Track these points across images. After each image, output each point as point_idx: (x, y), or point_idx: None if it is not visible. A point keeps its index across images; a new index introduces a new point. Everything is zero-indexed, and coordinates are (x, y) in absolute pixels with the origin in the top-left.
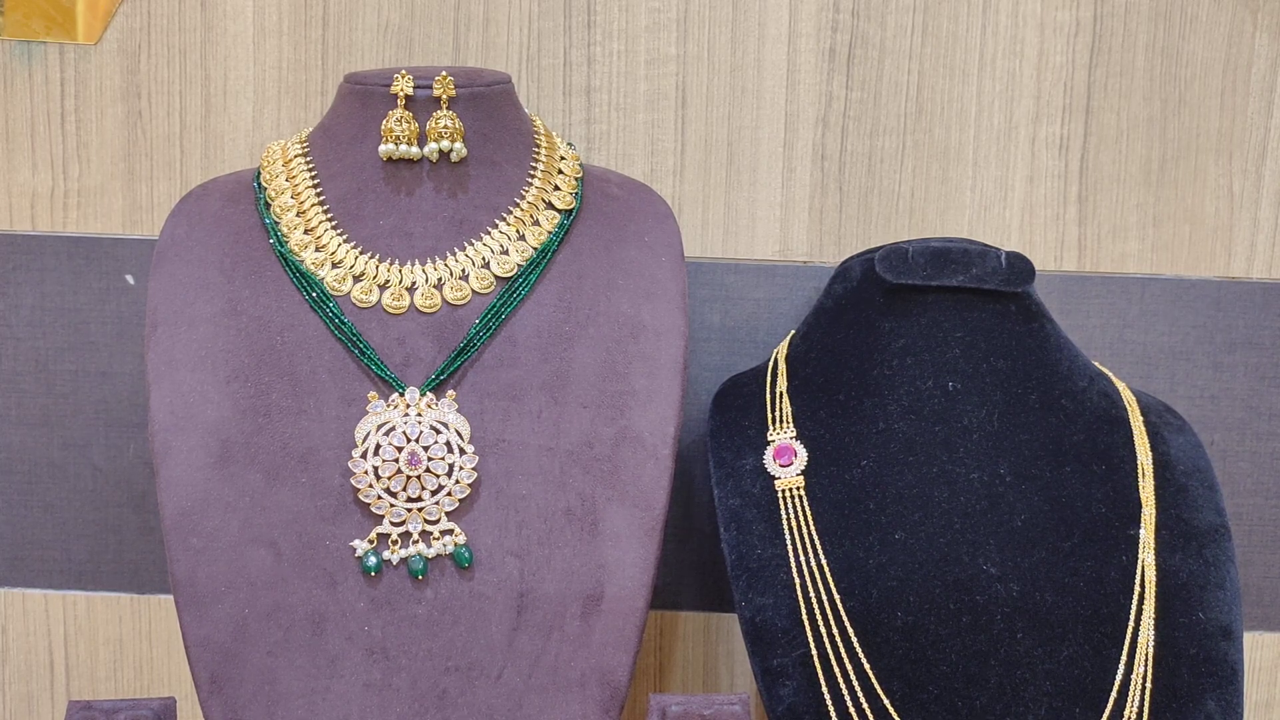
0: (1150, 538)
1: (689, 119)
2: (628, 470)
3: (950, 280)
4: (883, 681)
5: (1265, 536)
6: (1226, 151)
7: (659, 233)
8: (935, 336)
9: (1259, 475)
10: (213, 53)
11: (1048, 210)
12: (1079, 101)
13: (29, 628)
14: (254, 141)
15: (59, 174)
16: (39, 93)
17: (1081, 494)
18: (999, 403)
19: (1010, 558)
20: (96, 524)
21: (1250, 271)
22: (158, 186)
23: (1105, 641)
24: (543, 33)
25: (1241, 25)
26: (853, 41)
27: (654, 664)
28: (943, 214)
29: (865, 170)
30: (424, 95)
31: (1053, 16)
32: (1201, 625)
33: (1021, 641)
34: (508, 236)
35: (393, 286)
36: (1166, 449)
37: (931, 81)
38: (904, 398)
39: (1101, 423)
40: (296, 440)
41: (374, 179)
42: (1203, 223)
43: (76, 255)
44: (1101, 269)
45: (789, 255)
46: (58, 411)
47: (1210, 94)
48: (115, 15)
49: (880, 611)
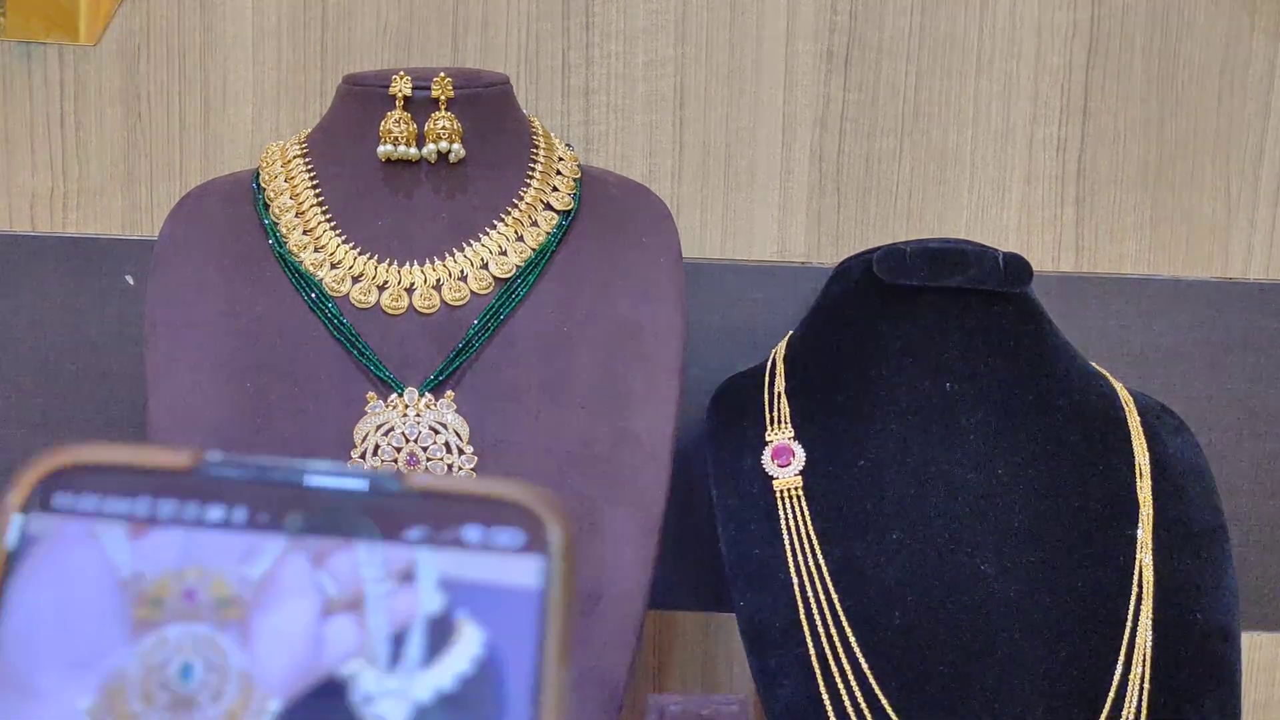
0: (1148, 538)
1: (687, 120)
2: (626, 471)
3: (948, 281)
4: (881, 681)
5: (1263, 537)
6: (1224, 153)
7: (657, 234)
8: (933, 337)
9: (1256, 475)
10: (212, 54)
11: (1045, 211)
12: (1076, 103)
13: None
14: (253, 142)
15: (58, 175)
16: (38, 94)
17: (1079, 494)
18: (997, 403)
19: (1008, 558)
20: None
21: (1247, 272)
22: (157, 187)
23: (1103, 642)
24: (541, 34)
25: (1239, 27)
26: (850, 43)
27: (652, 664)
28: (940, 215)
29: (863, 171)
30: (422, 96)
31: (1050, 18)
32: (1199, 626)
33: (1019, 642)
34: (506, 237)
35: (391, 287)
36: (1164, 449)
37: (929, 83)
38: (902, 398)
39: (1099, 423)
40: (295, 441)
41: (373, 180)
42: (1200, 223)
43: (76, 256)
44: (1099, 270)
45: (787, 256)
46: (57, 412)
47: (1207, 95)
48: (115, 17)
49: (878, 611)
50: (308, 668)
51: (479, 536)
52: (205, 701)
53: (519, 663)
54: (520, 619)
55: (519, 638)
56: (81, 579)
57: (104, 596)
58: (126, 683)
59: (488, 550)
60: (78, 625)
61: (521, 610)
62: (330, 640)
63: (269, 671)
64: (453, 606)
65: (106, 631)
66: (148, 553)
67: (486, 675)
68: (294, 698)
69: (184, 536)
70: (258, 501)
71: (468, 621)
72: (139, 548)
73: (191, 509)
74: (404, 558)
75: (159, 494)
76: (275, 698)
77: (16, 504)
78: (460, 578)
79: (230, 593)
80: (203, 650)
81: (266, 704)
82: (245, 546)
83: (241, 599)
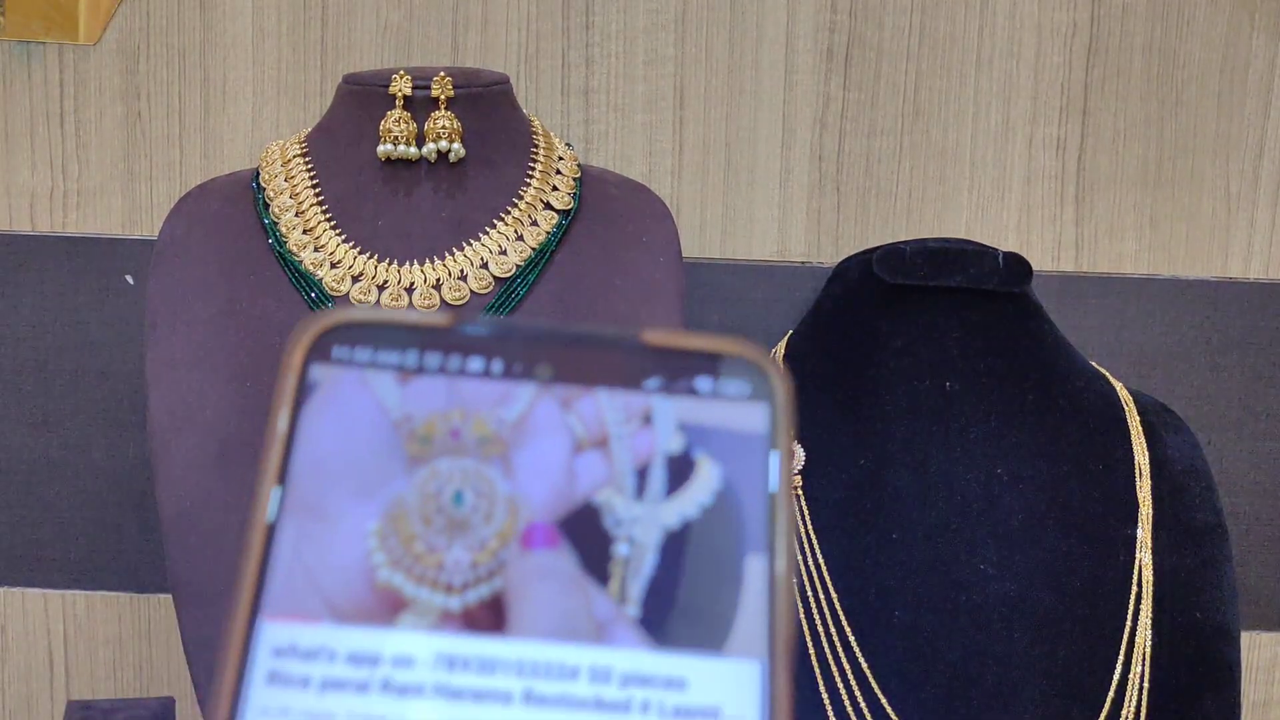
0: (1147, 537)
1: (687, 120)
2: None
3: (948, 281)
4: (880, 680)
5: (1262, 536)
6: (1223, 152)
7: (657, 233)
8: (933, 336)
9: (1255, 475)
10: (212, 53)
11: (1045, 210)
12: (1076, 102)
13: (28, 627)
14: (253, 142)
15: (58, 174)
16: (38, 93)
17: (1079, 494)
18: (997, 402)
19: (1007, 557)
20: (96, 523)
21: (1247, 271)
22: (157, 187)
23: (1102, 641)
24: (541, 34)
25: (1238, 26)
26: (850, 42)
27: None
28: (940, 214)
29: (863, 171)
30: (422, 95)
31: (1050, 18)
32: (1199, 625)
33: (1019, 641)
34: (506, 237)
35: (391, 287)
36: (1163, 448)
37: (929, 82)
38: (902, 398)
39: (1099, 422)
40: None
41: (372, 179)
42: (1200, 223)
43: (76, 255)
44: (1099, 269)
45: (787, 256)
46: (57, 411)
47: (1207, 95)
48: (114, 16)
49: (878, 610)
50: (564, 495)
51: (709, 386)
52: (477, 523)
53: (752, 498)
54: (751, 460)
55: (751, 476)
56: (359, 420)
57: (379, 435)
58: (407, 508)
59: (717, 399)
60: (359, 460)
61: (751, 452)
62: (582, 473)
63: (531, 498)
64: (690, 446)
65: (384, 465)
66: (415, 398)
67: (725, 507)
68: (555, 520)
69: (446, 384)
70: (511, 354)
71: (705, 459)
72: (407, 393)
73: (453, 360)
74: (642, 404)
75: (423, 348)
76: (540, 519)
77: (300, 355)
78: (694, 422)
79: (490, 431)
80: (471, 480)
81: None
82: (501, 392)
83: (500, 437)
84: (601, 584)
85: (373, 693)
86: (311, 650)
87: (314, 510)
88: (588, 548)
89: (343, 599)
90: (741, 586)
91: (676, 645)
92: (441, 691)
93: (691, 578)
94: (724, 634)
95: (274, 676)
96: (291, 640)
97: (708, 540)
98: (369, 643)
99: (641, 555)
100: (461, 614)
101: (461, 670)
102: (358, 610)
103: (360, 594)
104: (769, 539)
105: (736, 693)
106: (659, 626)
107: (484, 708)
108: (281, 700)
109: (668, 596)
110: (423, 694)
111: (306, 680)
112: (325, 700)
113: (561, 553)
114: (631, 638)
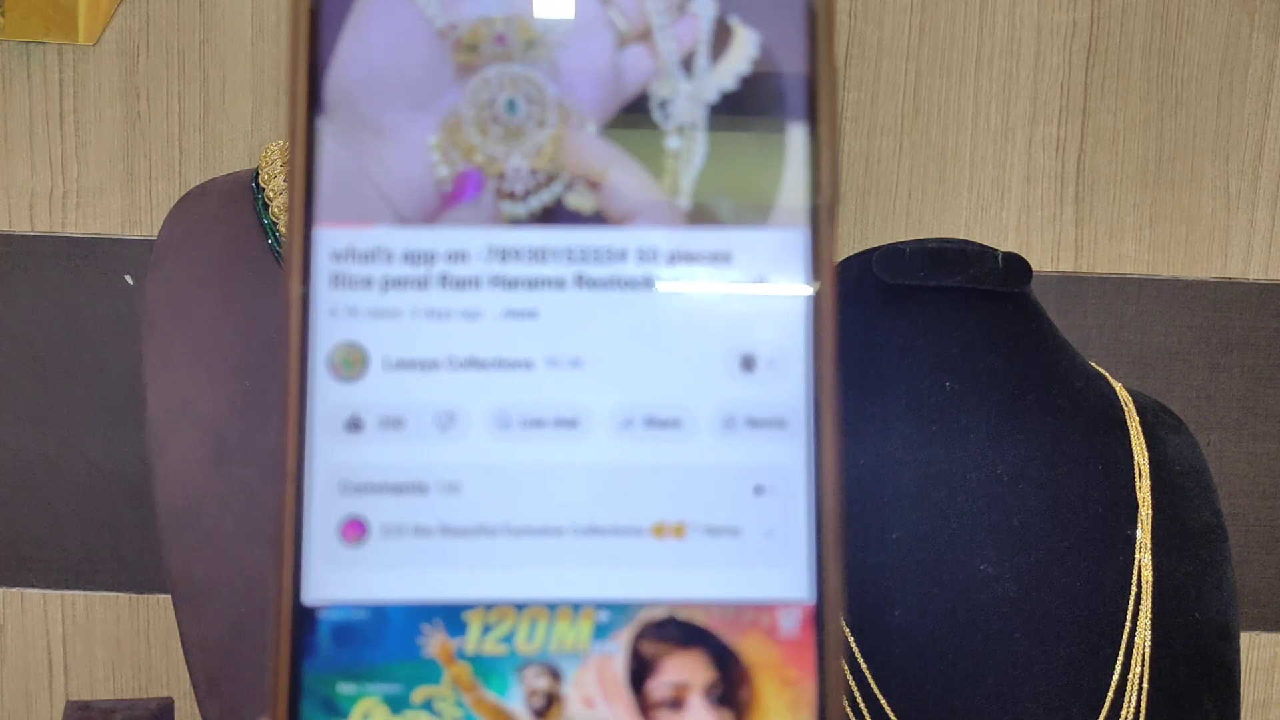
0: (1147, 538)
1: None
2: None
3: (948, 280)
4: (879, 680)
5: (1262, 537)
6: (1223, 152)
7: None
8: (932, 336)
9: (1256, 475)
10: (211, 53)
11: (1044, 211)
12: (1076, 102)
13: (26, 627)
14: (253, 142)
15: (57, 174)
16: (38, 93)
17: (1078, 494)
18: (996, 402)
19: (1007, 558)
20: (94, 522)
21: (1247, 272)
22: (156, 187)
23: (1102, 642)
24: None
25: (1238, 26)
26: (850, 42)
27: None
28: (940, 214)
29: (862, 170)
30: None
31: (1049, 18)
32: (1198, 626)
33: (1019, 641)
34: None
35: None
36: (1163, 449)
37: (929, 82)
38: (901, 397)
39: (1098, 423)
40: None
41: None
42: (1199, 223)
43: (75, 256)
44: (1098, 270)
45: None
46: (54, 410)
47: (1207, 95)
48: (114, 16)
49: (877, 610)
50: (613, 92)
51: None
52: (532, 130)
53: (791, 65)
54: (789, 24)
55: (790, 42)
56: (402, 31)
57: (426, 45)
58: (462, 119)
59: None
60: (408, 73)
61: (789, 15)
62: (628, 67)
63: (581, 100)
64: (725, 12)
65: (434, 76)
66: (457, 3)
67: (763, 76)
68: (606, 119)
69: None
70: None
71: (740, 25)
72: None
73: None
74: None
75: None
76: (591, 120)
77: None
78: None
79: (535, 35)
80: (521, 87)
81: (585, 126)
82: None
83: (545, 39)
84: (655, 178)
85: (432, 288)
86: (369, 252)
87: (374, 128)
88: (638, 143)
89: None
90: (785, 157)
91: (722, 223)
92: (497, 282)
93: (736, 155)
94: (768, 207)
95: (337, 279)
96: (349, 244)
97: (750, 112)
98: (423, 242)
99: (691, 147)
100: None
101: (514, 261)
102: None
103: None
104: (813, 129)
105: (782, 261)
106: (706, 210)
107: (538, 294)
108: (348, 300)
109: (715, 181)
110: (480, 286)
111: (369, 280)
112: (388, 298)
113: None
114: (678, 220)
